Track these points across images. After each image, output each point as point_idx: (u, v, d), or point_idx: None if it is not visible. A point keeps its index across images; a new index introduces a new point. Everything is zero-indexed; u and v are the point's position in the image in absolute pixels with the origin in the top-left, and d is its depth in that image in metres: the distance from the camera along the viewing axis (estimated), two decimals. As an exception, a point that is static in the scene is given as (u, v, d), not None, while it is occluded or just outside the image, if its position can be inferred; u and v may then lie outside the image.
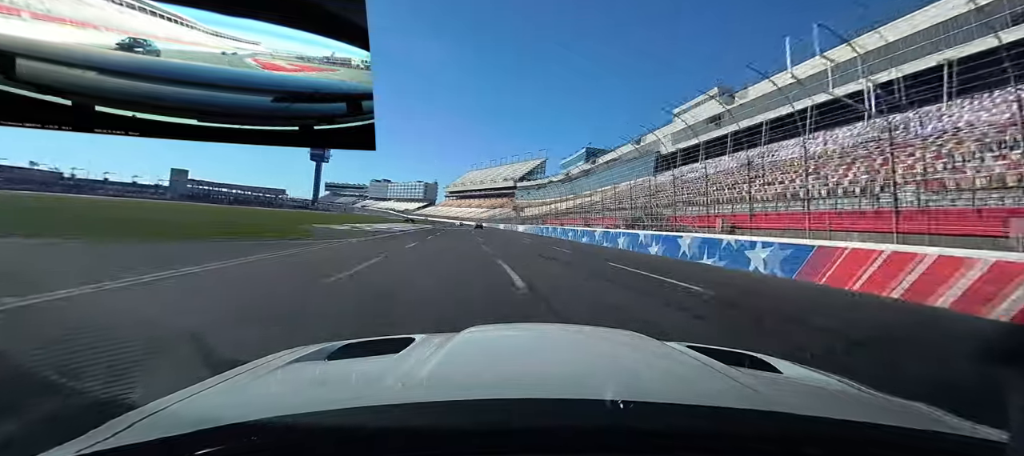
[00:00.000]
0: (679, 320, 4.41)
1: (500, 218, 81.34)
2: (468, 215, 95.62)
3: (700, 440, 0.59)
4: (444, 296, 5.28)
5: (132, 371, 2.08)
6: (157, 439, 0.57)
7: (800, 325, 4.57)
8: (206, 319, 3.47)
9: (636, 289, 6.56)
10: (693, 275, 8.64)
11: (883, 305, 6.11)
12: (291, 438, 0.56)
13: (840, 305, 6.04)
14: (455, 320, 3.62)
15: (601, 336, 1.56)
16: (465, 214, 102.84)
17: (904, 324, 4.99)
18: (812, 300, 6.44)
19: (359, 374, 1.00)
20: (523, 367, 1.06)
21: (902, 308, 5.91)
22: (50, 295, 3.76)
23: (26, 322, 3.07)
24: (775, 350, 1.61)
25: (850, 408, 0.93)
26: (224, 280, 5.44)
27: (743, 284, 7.87)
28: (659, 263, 11.62)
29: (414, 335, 1.25)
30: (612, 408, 0.61)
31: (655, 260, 12.85)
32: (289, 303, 4.39)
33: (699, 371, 0.99)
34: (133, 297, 4.11)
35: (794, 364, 1.23)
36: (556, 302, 5.07)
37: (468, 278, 6.91)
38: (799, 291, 7.31)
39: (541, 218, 49.66)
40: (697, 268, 10.65)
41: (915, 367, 3.16)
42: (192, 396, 0.78)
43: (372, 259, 8.95)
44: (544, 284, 6.50)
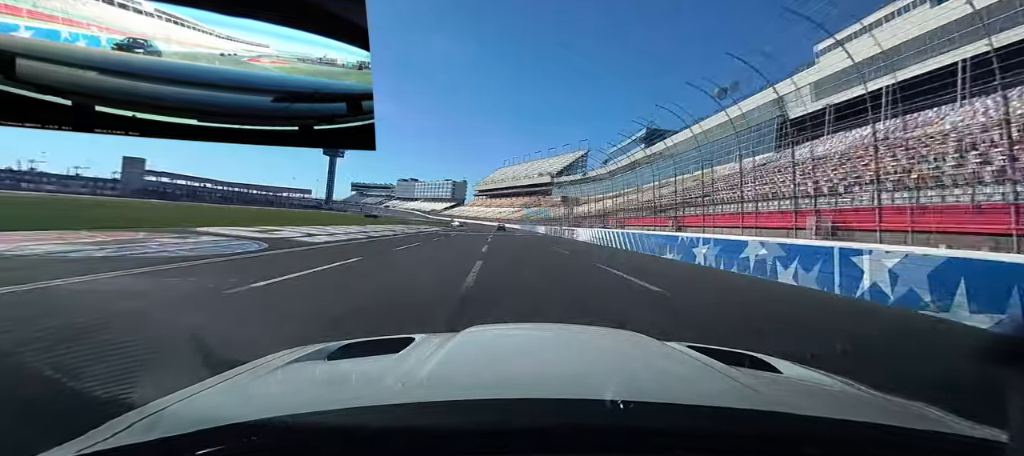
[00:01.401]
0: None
1: (535, 218, 70.56)
2: (499, 216, 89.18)
3: (700, 440, 0.59)
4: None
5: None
6: (157, 439, 0.57)
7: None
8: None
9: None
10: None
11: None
12: (291, 438, 0.56)
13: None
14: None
15: (601, 336, 1.56)
16: (495, 214, 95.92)
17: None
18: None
19: (359, 374, 1.00)
20: (523, 367, 1.06)
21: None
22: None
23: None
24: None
25: (850, 408, 0.93)
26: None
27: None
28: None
29: (414, 335, 1.25)
30: (612, 408, 0.61)
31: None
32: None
33: (699, 371, 0.99)
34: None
35: (794, 364, 1.23)
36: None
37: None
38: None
39: (596, 217, 38.28)
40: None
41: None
42: (192, 396, 0.78)
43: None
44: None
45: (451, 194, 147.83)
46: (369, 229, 26.84)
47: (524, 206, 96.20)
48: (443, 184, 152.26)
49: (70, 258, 6.30)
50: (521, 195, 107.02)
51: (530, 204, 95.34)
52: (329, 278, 6.44)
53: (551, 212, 68.24)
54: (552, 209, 71.68)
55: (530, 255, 13.43)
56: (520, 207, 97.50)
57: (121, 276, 5.24)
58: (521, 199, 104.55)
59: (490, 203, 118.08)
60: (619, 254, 16.40)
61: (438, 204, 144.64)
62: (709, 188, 24.55)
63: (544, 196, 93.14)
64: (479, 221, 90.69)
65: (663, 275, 9.28)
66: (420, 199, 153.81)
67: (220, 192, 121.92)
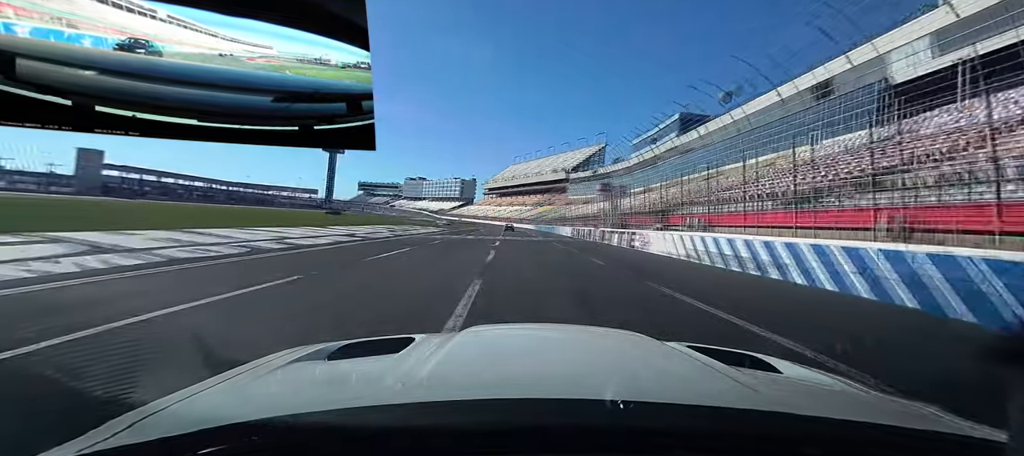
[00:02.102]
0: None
1: (552, 217, 62.86)
2: (510, 215, 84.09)
3: (700, 440, 0.59)
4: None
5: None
6: (157, 439, 0.57)
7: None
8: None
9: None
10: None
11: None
12: (291, 438, 0.56)
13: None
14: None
15: (601, 336, 1.56)
16: (507, 213, 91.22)
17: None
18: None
19: (359, 374, 1.01)
20: (523, 367, 1.06)
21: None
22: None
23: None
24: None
25: (850, 408, 0.93)
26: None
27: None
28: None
29: (414, 335, 1.26)
30: (612, 408, 0.61)
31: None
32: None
33: (699, 371, 0.99)
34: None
35: (794, 364, 1.23)
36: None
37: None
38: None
39: (643, 214, 27.52)
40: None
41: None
42: (192, 396, 0.78)
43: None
44: None
45: (460, 193, 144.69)
46: (323, 232, 19.66)
47: (536, 204, 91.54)
48: (451, 183, 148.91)
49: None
50: (534, 193, 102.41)
51: (543, 202, 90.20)
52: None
53: (567, 211, 61.49)
54: (567, 207, 65.82)
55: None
56: (532, 206, 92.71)
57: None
58: (533, 197, 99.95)
59: (501, 202, 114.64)
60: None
61: (446, 203, 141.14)
62: (817, 173, 17.06)
63: (558, 193, 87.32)
64: (490, 221, 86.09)
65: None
66: (427, 198, 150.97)
67: (201, 190, 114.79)
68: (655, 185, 31.41)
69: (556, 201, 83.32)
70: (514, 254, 14.50)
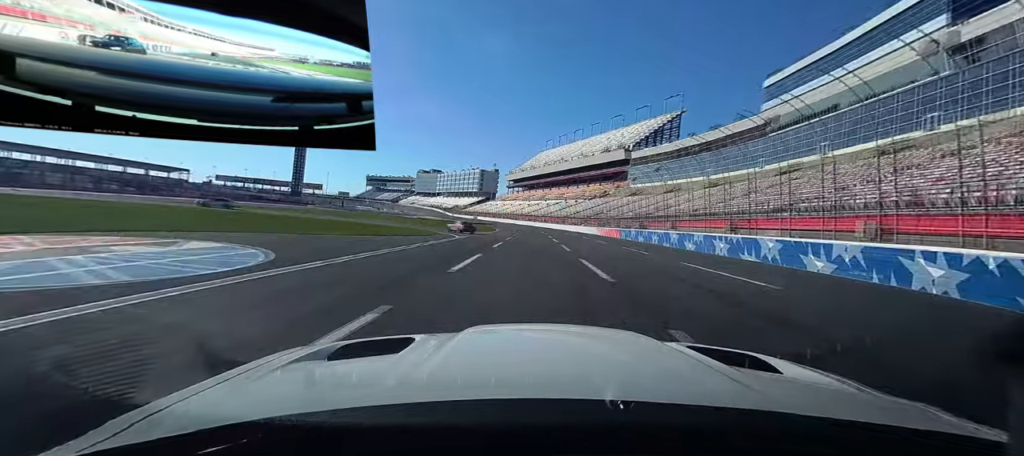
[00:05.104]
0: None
1: (627, 211, 40.99)
2: (547, 213, 60.73)
3: (701, 440, 0.59)
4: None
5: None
6: (157, 439, 0.57)
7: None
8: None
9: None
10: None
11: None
12: (291, 438, 0.56)
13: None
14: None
15: (601, 336, 1.56)
16: (539, 210, 66.44)
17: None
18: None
19: (359, 374, 1.01)
20: (523, 367, 1.06)
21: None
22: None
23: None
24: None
25: (850, 408, 0.93)
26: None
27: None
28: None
29: (414, 335, 1.26)
30: (613, 408, 0.61)
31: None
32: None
33: (700, 371, 0.99)
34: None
35: (794, 364, 1.23)
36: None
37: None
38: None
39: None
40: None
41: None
42: (192, 396, 0.78)
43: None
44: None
45: (479, 187, 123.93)
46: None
47: (581, 197, 64.88)
48: (469, 174, 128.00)
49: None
50: (577, 182, 72.36)
51: (595, 193, 61.49)
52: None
53: (624, 206, 42.08)
54: (627, 202, 45.08)
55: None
56: (576, 199, 64.91)
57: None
58: (576, 188, 70.32)
59: (530, 196, 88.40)
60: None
61: (463, 199, 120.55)
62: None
63: (615, 181, 60.24)
64: (515, 221, 63.83)
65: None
66: (442, 193, 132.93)
67: (99, 174, 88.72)
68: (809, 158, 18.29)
69: (609, 190, 58.97)
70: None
